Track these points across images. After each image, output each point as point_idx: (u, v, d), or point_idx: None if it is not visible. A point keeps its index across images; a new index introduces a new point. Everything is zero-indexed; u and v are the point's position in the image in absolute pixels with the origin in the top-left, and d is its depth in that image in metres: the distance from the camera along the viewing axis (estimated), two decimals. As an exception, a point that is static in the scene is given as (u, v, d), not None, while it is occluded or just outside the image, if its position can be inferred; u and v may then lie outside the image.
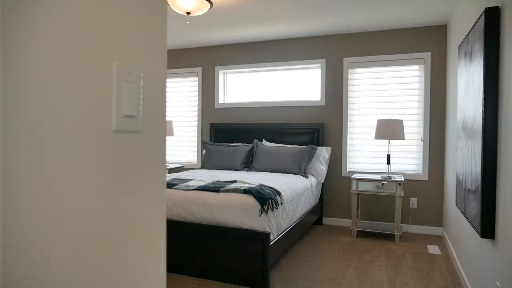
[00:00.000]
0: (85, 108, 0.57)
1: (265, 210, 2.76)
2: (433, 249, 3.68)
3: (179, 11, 3.13)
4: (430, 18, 3.96)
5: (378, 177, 4.04)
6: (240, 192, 2.88)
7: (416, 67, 4.33)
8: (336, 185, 4.63)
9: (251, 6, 3.62)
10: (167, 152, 5.58)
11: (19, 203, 0.49)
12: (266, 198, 2.80)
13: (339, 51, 4.60)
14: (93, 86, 0.58)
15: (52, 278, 0.55)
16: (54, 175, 0.53)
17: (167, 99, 4.86)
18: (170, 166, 5.10)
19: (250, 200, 2.80)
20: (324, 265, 3.20)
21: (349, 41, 4.55)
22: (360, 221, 4.48)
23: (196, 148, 5.42)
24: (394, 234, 4.01)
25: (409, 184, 4.33)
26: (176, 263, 2.94)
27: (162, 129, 0.75)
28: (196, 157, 5.41)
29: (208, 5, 3.16)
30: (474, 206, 2.26)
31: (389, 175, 4.05)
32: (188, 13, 3.15)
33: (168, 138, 5.56)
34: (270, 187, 3.07)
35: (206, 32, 4.58)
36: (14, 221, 0.48)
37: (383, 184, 3.97)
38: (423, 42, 4.26)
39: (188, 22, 3.84)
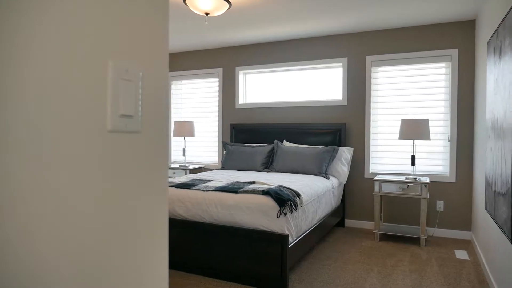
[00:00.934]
0: (77, 108, 0.55)
1: (283, 211, 2.71)
2: (461, 254, 3.52)
3: (198, 11, 3.13)
4: (457, 13, 3.81)
5: (402, 178, 3.91)
6: (259, 193, 2.85)
7: (443, 64, 4.17)
8: (358, 186, 4.52)
9: (270, 6, 3.59)
10: (188, 153, 5.62)
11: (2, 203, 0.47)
12: (284, 200, 2.76)
13: (361, 49, 4.49)
14: (85, 84, 0.56)
15: (50, 279, 0.54)
16: (44, 176, 0.52)
17: (188, 100, 4.89)
18: (191, 166, 5.13)
19: (268, 201, 2.76)
20: (345, 268, 3.12)
21: (372, 39, 4.43)
22: (384, 223, 4.35)
23: (217, 149, 5.43)
24: (419, 238, 3.87)
25: (435, 186, 4.17)
26: (194, 264, 2.94)
27: (164, 129, 0.72)
28: (217, 158, 5.42)
29: (227, 5, 3.15)
30: (504, 210, 2.14)
31: (414, 177, 3.91)
32: (207, 14, 3.14)
33: (188, 138, 5.60)
34: (289, 188, 3.02)
35: (226, 33, 4.57)
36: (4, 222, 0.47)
37: (408, 186, 3.84)
38: (450, 38, 4.10)
39: (206, 23, 3.85)
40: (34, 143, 0.50)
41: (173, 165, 5.28)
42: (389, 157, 4.40)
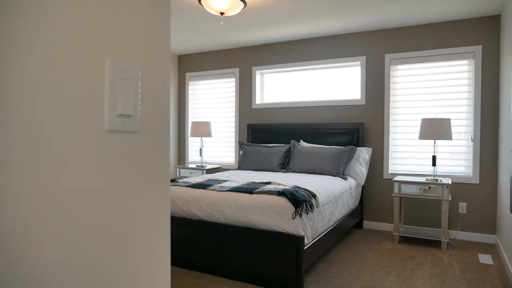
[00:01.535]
0: (73, 107, 0.54)
1: (299, 212, 2.67)
2: (485, 259, 3.39)
3: (213, 11, 3.12)
4: (480, 8, 3.67)
5: (423, 179, 3.80)
6: (274, 194, 2.82)
7: (465, 61, 4.03)
8: (377, 187, 4.42)
9: (285, 5, 3.55)
10: (205, 153, 5.64)
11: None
12: (300, 200, 2.72)
13: (380, 47, 4.40)
14: (82, 83, 0.55)
15: (51, 276, 0.53)
16: (41, 176, 0.51)
17: (204, 100, 4.90)
18: (208, 166, 5.14)
19: (283, 202, 2.73)
20: (362, 271, 3.05)
21: (391, 37, 4.33)
22: (403, 225, 4.25)
23: (233, 149, 5.42)
24: (441, 241, 3.75)
25: (458, 187, 4.04)
26: (209, 265, 2.93)
27: (165, 129, 0.71)
28: (233, 158, 5.41)
29: (242, 4, 3.13)
30: (531, 214, 2.04)
31: (435, 178, 3.80)
32: (222, 14, 3.13)
33: (205, 139, 5.62)
34: (305, 189, 2.98)
35: (242, 33, 4.56)
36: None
37: (430, 187, 3.72)
38: (473, 34, 3.96)
39: (221, 23, 3.84)
40: (26, 143, 0.49)
41: (190, 165, 5.31)
42: (409, 157, 4.29)
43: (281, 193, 2.78)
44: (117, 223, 0.63)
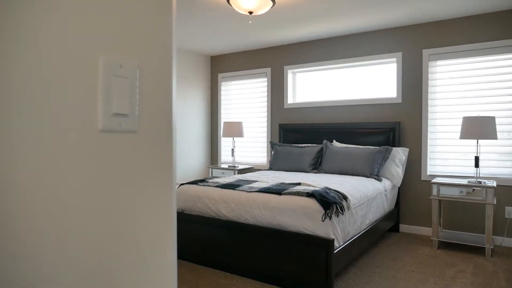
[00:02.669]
0: (64, 106, 0.52)
1: (328, 215, 2.59)
2: (534, 268, 3.13)
3: (241, 11, 3.10)
4: (529, -3, 3.40)
5: (465, 181, 3.58)
6: (303, 195, 2.75)
7: (511, 55, 3.75)
8: (414, 189, 4.22)
9: (315, 1, 3.46)
10: (237, 153, 5.64)
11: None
12: (330, 202, 2.64)
13: (417, 42, 4.19)
14: (73, 81, 0.53)
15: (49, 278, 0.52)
16: (30, 177, 0.49)
17: (237, 100, 4.90)
18: (240, 167, 5.14)
19: (312, 204, 2.66)
20: (397, 277, 2.91)
21: (429, 31, 4.11)
22: (443, 230, 4.02)
23: (265, 149, 5.39)
24: (484, 248, 3.51)
25: (504, 190, 3.76)
26: (237, 266, 2.91)
27: (167, 128, 0.68)
28: (265, 158, 5.38)
29: (270, 3, 3.09)
30: None
31: (478, 180, 3.56)
32: (250, 13, 3.11)
33: (238, 139, 5.62)
34: (335, 191, 2.89)
35: (272, 32, 4.52)
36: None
37: (473, 189, 3.48)
38: (521, 26, 3.67)
39: (250, 22, 3.82)
40: (9, 144, 0.47)
41: (222, 165, 5.34)
42: (449, 158, 4.05)
43: (310, 195, 2.71)
44: (113, 227, 0.61)
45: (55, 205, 0.52)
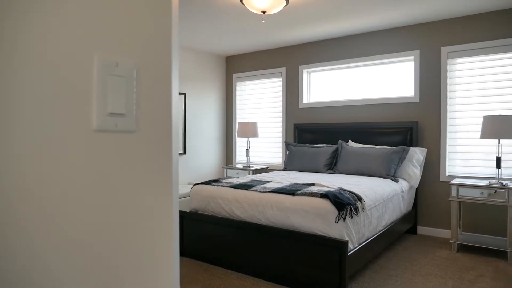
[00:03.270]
0: (57, 106, 0.52)
1: (342, 216, 2.55)
2: (560, 273, 3.00)
3: (255, 10, 3.09)
4: (554, -9, 3.26)
5: (485, 183, 3.46)
6: (317, 196, 2.71)
7: (536, 52, 3.60)
8: (433, 190, 4.12)
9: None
10: (252, 153, 5.63)
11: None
12: (344, 203, 2.59)
13: (435, 40, 4.09)
14: (67, 81, 0.53)
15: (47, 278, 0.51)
16: (15, 180, 0.49)
17: (251, 101, 4.89)
18: (255, 167, 5.13)
19: (326, 205, 2.62)
20: (414, 281, 2.84)
21: (448, 28, 4.00)
22: (463, 232, 3.90)
23: (280, 149, 5.36)
24: (507, 251, 3.39)
25: (527, 192, 3.62)
26: (250, 266, 2.90)
27: (167, 128, 0.67)
28: (280, 158, 5.35)
29: (284, 2, 3.06)
30: None
31: (499, 181, 3.44)
32: (264, 12, 3.09)
33: (252, 139, 5.61)
34: (350, 192, 2.84)
35: (287, 31, 4.48)
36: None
37: (495, 191, 3.37)
38: (546, 21, 3.53)
39: (263, 21, 3.80)
40: (4, 143, 0.47)
41: (237, 166, 5.34)
42: (470, 158, 3.93)
43: (324, 195, 2.67)
44: (109, 229, 0.60)
45: (41, 209, 0.52)
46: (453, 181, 3.58)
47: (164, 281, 0.69)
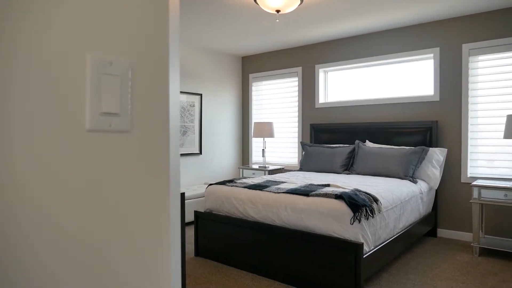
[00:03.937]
0: (48, 105, 0.51)
1: (357, 218, 2.50)
2: None
3: (269, 10, 3.07)
4: None
5: (509, 184, 3.33)
6: (331, 197, 2.67)
7: None
8: (454, 192, 3.99)
9: (347, -3, 3.36)
10: (268, 154, 5.61)
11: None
12: (359, 205, 2.54)
13: (456, 37, 3.97)
14: (58, 80, 0.52)
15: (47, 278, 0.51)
16: (12, 178, 0.48)
17: (267, 101, 4.87)
18: (271, 167, 5.10)
19: (341, 206, 2.57)
20: (432, 285, 2.75)
21: (469, 24, 3.88)
22: (485, 236, 3.77)
23: (296, 150, 5.32)
24: (532, 256, 3.25)
25: (555, 194, 3.47)
26: (264, 267, 2.88)
27: (163, 128, 0.66)
28: (296, 159, 5.31)
29: (298, 1, 3.03)
30: None
31: (524, 183, 3.30)
32: (278, 11, 3.07)
33: (268, 139, 5.59)
34: (366, 193, 2.78)
35: (302, 30, 4.44)
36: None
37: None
38: None
39: (277, 20, 3.78)
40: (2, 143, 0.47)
41: (253, 166, 5.32)
42: (492, 159, 3.80)
43: (339, 197, 2.63)
44: (102, 231, 0.59)
45: (32, 211, 0.51)
46: (474, 182, 3.46)
47: (160, 283, 0.68)
